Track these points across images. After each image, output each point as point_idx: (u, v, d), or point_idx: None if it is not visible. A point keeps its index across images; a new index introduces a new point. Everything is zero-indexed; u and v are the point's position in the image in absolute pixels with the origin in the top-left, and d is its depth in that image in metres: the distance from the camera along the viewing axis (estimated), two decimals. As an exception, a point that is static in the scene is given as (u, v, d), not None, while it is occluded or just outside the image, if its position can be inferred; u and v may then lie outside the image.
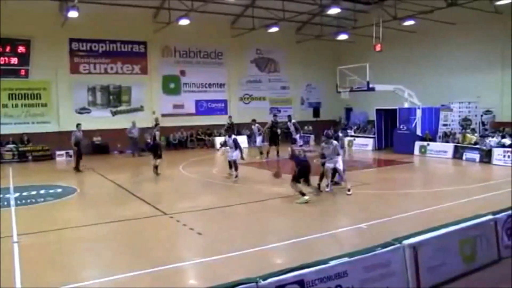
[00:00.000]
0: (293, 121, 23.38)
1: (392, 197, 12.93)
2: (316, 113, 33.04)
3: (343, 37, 28.97)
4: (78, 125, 20.11)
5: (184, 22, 23.88)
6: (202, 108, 30.35)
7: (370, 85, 23.20)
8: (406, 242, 6.01)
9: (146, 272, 7.03)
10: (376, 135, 26.09)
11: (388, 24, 24.48)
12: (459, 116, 23.80)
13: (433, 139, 23.12)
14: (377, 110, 25.99)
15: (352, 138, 26.51)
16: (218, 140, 28.78)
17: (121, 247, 8.58)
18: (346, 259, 5.42)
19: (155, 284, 6.72)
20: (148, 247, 8.45)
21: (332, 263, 5.29)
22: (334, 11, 23.90)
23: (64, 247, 8.71)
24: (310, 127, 31.53)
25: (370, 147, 25.94)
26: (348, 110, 33.75)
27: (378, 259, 5.69)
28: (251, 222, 10.43)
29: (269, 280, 4.74)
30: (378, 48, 24.30)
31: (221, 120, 30.14)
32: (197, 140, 29.15)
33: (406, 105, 24.20)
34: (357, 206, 11.85)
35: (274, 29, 27.64)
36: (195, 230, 9.33)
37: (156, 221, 10.45)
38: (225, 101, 31.22)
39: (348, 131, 26.25)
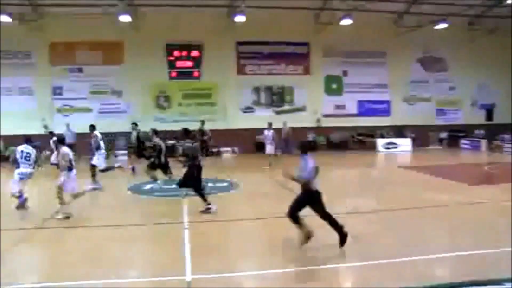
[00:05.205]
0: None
1: None
2: (489, 115, 30.21)
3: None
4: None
5: (346, 22, 23.62)
6: (364, 109, 29.70)
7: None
8: None
9: (287, 271, 7.07)
10: None
11: None
12: None
13: None
14: None
15: None
16: (380, 142, 27.99)
17: (269, 244, 8.59)
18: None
19: (293, 284, 6.66)
20: (293, 247, 8.35)
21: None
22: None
23: (227, 237, 9.09)
24: (482, 131, 28.92)
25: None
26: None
27: None
28: (410, 228, 9.72)
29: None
30: None
31: (384, 121, 29.23)
32: (358, 141, 28.62)
33: None
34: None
35: (442, 26, 25.89)
36: (350, 233, 9.03)
37: (311, 221, 10.32)
38: (388, 102, 30.15)
39: None
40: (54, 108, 26.26)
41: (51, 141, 17.38)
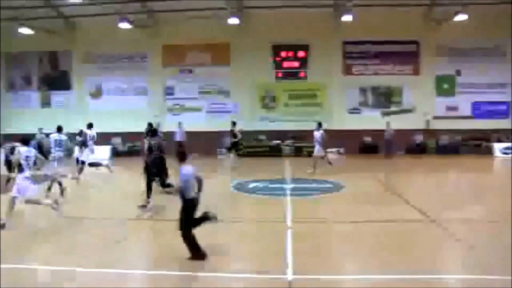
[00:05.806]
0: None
1: None
2: None
3: None
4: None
5: (460, 17, 22.27)
6: (479, 110, 27.72)
7: None
8: None
9: (401, 277, 6.65)
10: None
11: None
12: None
13: None
14: None
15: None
16: (497, 146, 26.03)
17: (378, 247, 8.28)
18: None
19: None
20: (406, 252, 7.98)
21: None
22: None
23: (329, 239, 8.98)
24: None
25: None
26: None
27: None
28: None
29: None
30: None
31: (502, 124, 26.99)
32: (472, 145, 26.81)
33: None
34: None
35: None
36: (462, 242, 8.46)
37: (420, 227, 9.85)
38: (507, 104, 27.80)
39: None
40: (165, 107, 27.77)
41: (77, 137, 17.57)
